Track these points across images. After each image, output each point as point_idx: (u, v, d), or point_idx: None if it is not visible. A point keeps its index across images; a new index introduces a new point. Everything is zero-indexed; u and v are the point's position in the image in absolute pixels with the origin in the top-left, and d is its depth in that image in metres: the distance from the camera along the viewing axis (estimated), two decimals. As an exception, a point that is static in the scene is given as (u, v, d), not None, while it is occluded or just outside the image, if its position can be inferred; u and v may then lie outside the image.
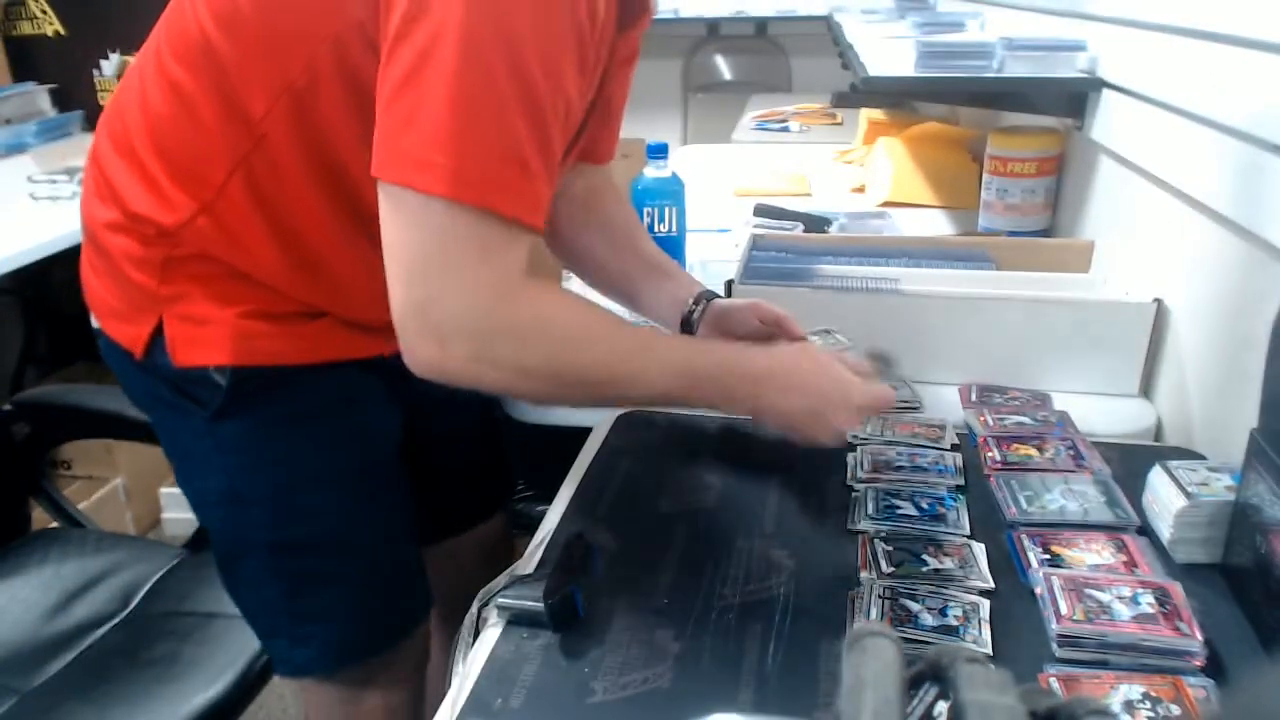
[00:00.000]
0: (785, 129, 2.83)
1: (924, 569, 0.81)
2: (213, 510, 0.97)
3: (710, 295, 1.07)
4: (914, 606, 0.76)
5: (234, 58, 0.81)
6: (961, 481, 0.95)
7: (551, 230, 1.09)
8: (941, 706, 0.34)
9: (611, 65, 0.89)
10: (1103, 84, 1.29)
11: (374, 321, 0.87)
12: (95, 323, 0.95)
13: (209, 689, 1.10)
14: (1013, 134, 1.55)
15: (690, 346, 0.95)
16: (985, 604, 0.77)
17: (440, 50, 0.69)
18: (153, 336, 0.89)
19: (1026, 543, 0.83)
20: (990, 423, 1.05)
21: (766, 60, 4.23)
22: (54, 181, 2.19)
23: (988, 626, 0.74)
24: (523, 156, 0.73)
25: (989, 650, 0.72)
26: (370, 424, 0.98)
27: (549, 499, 0.97)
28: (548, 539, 0.89)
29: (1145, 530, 0.86)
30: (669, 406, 0.92)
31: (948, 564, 0.82)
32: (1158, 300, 1.09)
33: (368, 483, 0.98)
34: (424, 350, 0.76)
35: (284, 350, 0.90)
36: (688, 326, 1.06)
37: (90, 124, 2.79)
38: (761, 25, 4.16)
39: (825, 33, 2.39)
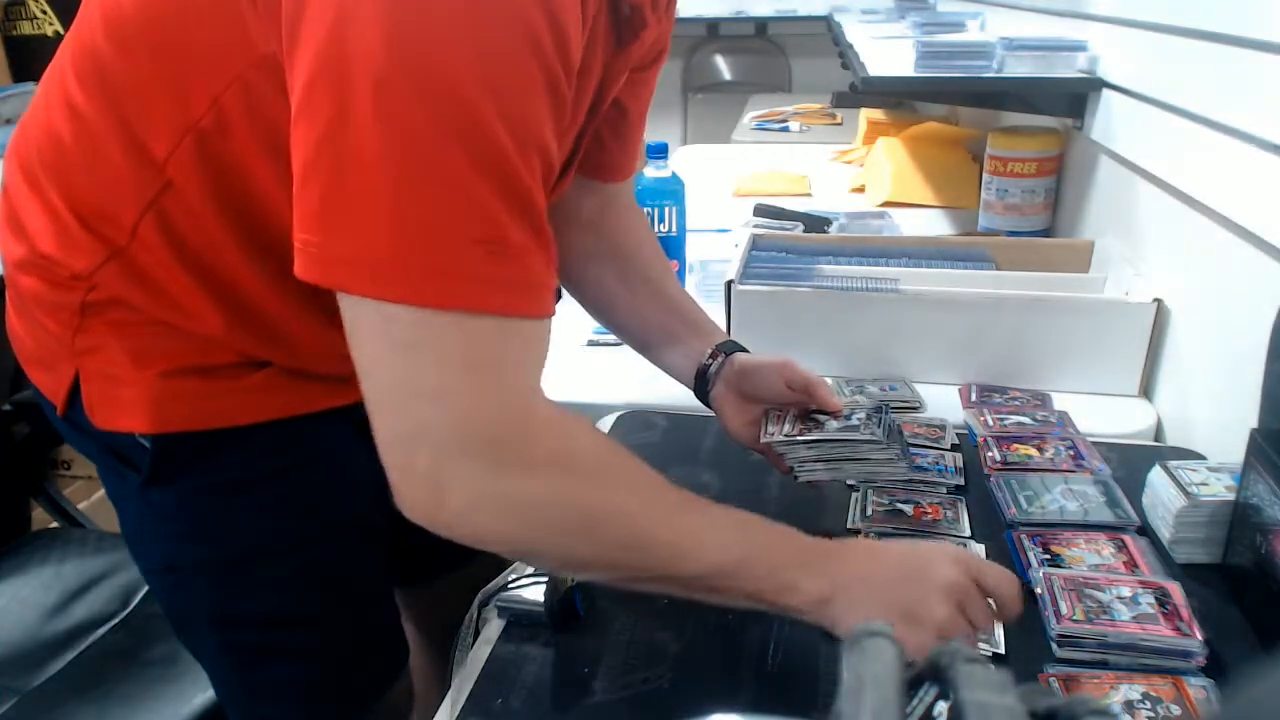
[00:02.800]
0: (785, 129, 2.84)
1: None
2: (153, 578, 0.87)
3: (732, 348, 0.94)
4: (914, 606, 0.76)
5: (128, 79, 0.68)
6: (961, 481, 0.95)
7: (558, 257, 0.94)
8: (941, 706, 0.34)
9: (610, 76, 0.75)
10: (1103, 84, 1.30)
11: (327, 372, 0.76)
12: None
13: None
14: (1013, 134, 1.55)
15: (744, 514, 0.70)
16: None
17: (356, 111, 0.54)
18: (71, 390, 0.77)
19: (1026, 543, 0.83)
20: (990, 423, 1.05)
21: (766, 60, 4.24)
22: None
23: (988, 626, 0.74)
24: (496, 232, 0.57)
25: (995, 649, 0.72)
26: (333, 480, 0.84)
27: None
28: (548, 539, 0.89)
29: (1145, 530, 0.86)
30: (704, 597, 0.68)
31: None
32: (1158, 300, 1.09)
33: (329, 545, 0.85)
34: (412, 494, 0.60)
35: (218, 411, 0.76)
36: (703, 380, 0.93)
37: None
38: (761, 25, 4.18)
39: (825, 33, 2.40)
